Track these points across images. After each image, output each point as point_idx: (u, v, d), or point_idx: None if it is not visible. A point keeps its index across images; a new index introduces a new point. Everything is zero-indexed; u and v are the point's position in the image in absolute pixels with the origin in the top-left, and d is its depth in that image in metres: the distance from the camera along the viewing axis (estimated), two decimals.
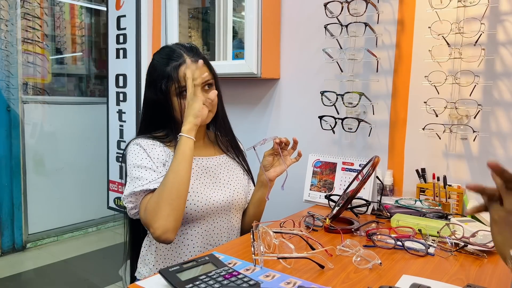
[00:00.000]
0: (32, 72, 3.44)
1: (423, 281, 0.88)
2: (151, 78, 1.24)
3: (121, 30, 2.37)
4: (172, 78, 1.19)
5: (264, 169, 1.29)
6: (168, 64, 1.20)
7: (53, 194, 3.52)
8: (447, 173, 1.50)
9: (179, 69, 1.19)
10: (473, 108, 1.41)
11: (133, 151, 1.20)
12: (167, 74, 1.19)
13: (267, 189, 1.31)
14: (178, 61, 1.20)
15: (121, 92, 2.40)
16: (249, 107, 2.07)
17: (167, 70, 1.19)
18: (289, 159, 1.29)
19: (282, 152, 1.27)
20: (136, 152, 1.20)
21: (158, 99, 1.21)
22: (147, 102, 1.26)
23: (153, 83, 1.22)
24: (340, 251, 1.05)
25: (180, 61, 1.20)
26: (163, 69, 1.20)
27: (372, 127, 1.66)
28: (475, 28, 1.38)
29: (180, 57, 1.21)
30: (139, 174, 1.16)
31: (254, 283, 0.83)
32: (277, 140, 1.25)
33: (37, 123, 3.43)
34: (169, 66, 1.19)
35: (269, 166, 1.30)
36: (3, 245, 3.24)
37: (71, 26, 3.78)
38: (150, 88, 1.24)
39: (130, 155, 1.20)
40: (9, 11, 3.20)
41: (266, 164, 1.30)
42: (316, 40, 1.80)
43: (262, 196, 1.33)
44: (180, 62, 1.20)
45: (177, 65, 1.19)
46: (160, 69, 1.20)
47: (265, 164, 1.30)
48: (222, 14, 2.08)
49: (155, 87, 1.21)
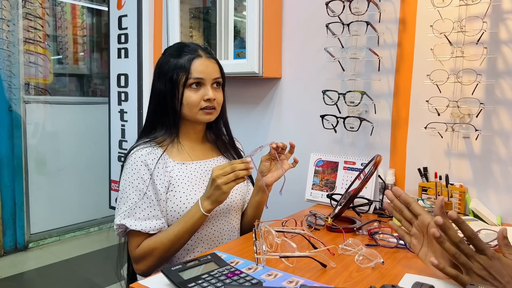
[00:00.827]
0: (33, 72, 3.44)
1: (426, 279, 0.87)
2: (162, 70, 1.24)
3: (123, 30, 2.37)
4: (184, 69, 1.20)
5: (261, 174, 1.28)
6: (180, 56, 1.22)
7: (55, 194, 3.52)
8: (449, 172, 1.50)
9: (193, 61, 1.21)
10: (475, 107, 1.41)
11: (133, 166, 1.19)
12: (179, 65, 1.21)
13: (265, 194, 1.30)
14: (192, 54, 1.22)
15: (122, 91, 2.40)
16: (251, 106, 2.07)
17: (180, 61, 1.21)
18: (286, 163, 1.27)
19: (279, 156, 1.26)
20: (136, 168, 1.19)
21: (166, 89, 1.22)
22: (154, 94, 1.26)
23: (164, 74, 1.23)
24: (342, 250, 1.05)
25: (194, 54, 1.22)
26: (176, 60, 1.21)
27: (374, 126, 1.66)
28: (477, 26, 1.37)
29: (195, 51, 1.23)
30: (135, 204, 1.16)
31: (257, 282, 0.83)
32: (273, 145, 1.24)
33: (39, 123, 3.43)
34: (182, 58, 1.21)
35: (267, 171, 1.29)
36: (6, 245, 3.24)
37: (73, 26, 3.79)
38: (159, 79, 1.24)
39: (129, 169, 1.20)
40: (10, 11, 3.20)
41: (264, 169, 1.29)
42: (318, 39, 1.80)
43: (260, 201, 1.33)
44: (194, 55, 1.22)
45: (192, 58, 1.21)
46: (173, 60, 1.22)
47: (263, 169, 1.29)
48: (224, 13, 2.07)
49: (165, 77, 1.22)
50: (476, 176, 1.47)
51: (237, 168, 1.10)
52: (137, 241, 1.16)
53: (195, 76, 1.20)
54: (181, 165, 1.24)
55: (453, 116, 1.48)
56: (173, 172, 1.21)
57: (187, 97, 1.21)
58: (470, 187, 1.47)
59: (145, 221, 1.15)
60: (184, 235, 1.14)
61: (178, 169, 1.22)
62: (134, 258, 1.18)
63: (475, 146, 1.47)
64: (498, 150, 1.42)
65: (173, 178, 1.20)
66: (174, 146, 1.25)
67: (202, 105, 1.22)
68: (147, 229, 1.15)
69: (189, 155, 1.27)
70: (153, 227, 1.15)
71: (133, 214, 1.16)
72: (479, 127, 1.42)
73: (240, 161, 1.11)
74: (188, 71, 1.20)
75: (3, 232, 3.22)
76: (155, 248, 1.14)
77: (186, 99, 1.21)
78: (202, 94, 1.21)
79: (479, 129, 1.42)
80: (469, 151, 1.48)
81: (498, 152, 1.42)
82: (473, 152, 1.47)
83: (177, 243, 1.14)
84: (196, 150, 1.30)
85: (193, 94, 1.21)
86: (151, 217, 1.16)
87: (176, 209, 1.19)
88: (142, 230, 1.14)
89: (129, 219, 1.15)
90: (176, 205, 1.19)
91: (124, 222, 1.15)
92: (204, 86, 1.22)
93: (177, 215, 1.19)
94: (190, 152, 1.28)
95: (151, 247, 1.14)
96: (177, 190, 1.20)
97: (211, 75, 1.23)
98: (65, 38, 3.75)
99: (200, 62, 1.22)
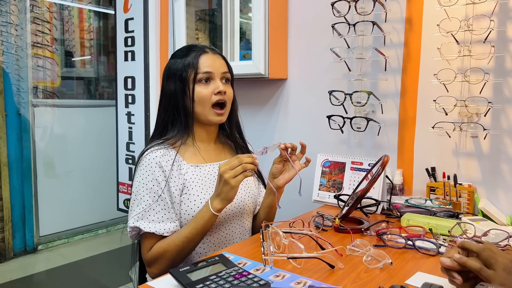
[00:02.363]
0: (41, 76, 3.47)
1: (436, 279, 0.87)
2: (171, 71, 1.25)
3: (129, 33, 2.38)
4: (192, 65, 1.21)
5: (273, 176, 1.27)
6: (188, 55, 1.24)
7: (63, 196, 3.55)
8: (457, 172, 1.49)
9: (200, 57, 1.22)
10: (483, 106, 1.40)
11: (147, 168, 1.18)
12: (187, 63, 1.22)
13: (275, 197, 1.29)
14: (199, 51, 1.24)
15: (129, 94, 2.41)
16: (257, 107, 2.07)
17: (187, 59, 1.22)
18: (298, 164, 1.25)
19: (291, 157, 1.25)
20: (150, 170, 1.17)
21: (176, 88, 1.22)
22: (165, 96, 1.26)
23: (172, 74, 1.24)
24: (350, 251, 1.04)
25: (201, 51, 1.24)
26: (184, 59, 1.23)
27: (381, 126, 1.65)
28: (484, 25, 1.36)
29: (201, 49, 1.25)
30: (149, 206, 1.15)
31: (264, 283, 0.83)
32: (282, 146, 1.23)
33: (47, 126, 3.46)
34: (189, 56, 1.23)
35: (278, 173, 1.27)
36: (15, 247, 3.27)
37: (80, 29, 3.82)
38: (168, 81, 1.25)
39: (143, 171, 1.18)
40: (18, 16, 3.24)
41: (275, 171, 1.27)
42: (324, 40, 1.80)
43: (272, 203, 1.32)
44: (201, 52, 1.24)
45: (198, 54, 1.23)
46: (181, 60, 1.23)
47: (274, 172, 1.27)
48: (229, 15, 2.08)
49: (174, 77, 1.23)
50: (485, 175, 1.46)
51: (244, 161, 1.08)
52: (150, 244, 1.16)
53: (203, 71, 1.21)
54: (195, 168, 1.23)
55: (461, 116, 1.47)
56: (187, 175, 1.20)
57: (198, 92, 1.21)
58: (479, 187, 1.46)
59: (159, 223, 1.15)
60: (195, 236, 1.13)
61: (192, 172, 1.22)
62: (147, 262, 1.17)
63: (484, 145, 1.45)
64: (507, 149, 1.41)
65: (187, 181, 1.20)
66: (187, 148, 1.25)
67: (214, 100, 1.21)
68: (161, 231, 1.14)
69: (202, 157, 1.26)
70: (167, 229, 1.15)
71: (146, 216, 1.15)
72: (487, 126, 1.41)
73: (246, 155, 1.10)
74: (196, 66, 1.21)
75: (13, 234, 3.24)
76: (167, 250, 1.13)
77: (197, 94, 1.21)
78: (213, 88, 1.22)
79: (487, 128, 1.41)
80: (477, 150, 1.47)
81: (507, 151, 1.41)
82: (481, 152, 1.46)
83: (188, 245, 1.14)
84: (209, 152, 1.29)
85: (203, 89, 1.21)
86: (165, 220, 1.16)
87: (190, 212, 1.19)
88: (156, 232, 1.14)
89: (143, 221, 1.15)
90: (190, 208, 1.19)
91: (138, 224, 1.15)
92: (214, 80, 1.23)
93: (190, 218, 1.18)
94: (203, 154, 1.27)
95: (163, 249, 1.14)
96: (191, 193, 1.20)
97: (219, 69, 1.24)
98: (73, 41, 3.78)
99: (207, 57, 1.23)
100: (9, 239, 3.21)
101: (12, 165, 3.22)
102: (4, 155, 3.14)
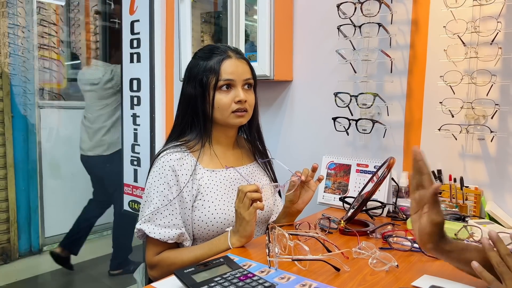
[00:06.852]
0: (48, 78, 3.50)
1: (443, 282, 0.86)
2: (192, 73, 1.22)
3: (135, 35, 2.39)
4: (214, 71, 1.18)
5: (292, 203, 1.26)
6: (210, 58, 1.20)
7: (69, 197, 3.56)
8: (464, 174, 1.48)
9: (222, 62, 1.18)
10: (490, 108, 1.39)
11: (160, 170, 1.17)
12: (209, 67, 1.18)
13: (294, 218, 1.31)
14: (222, 56, 1.20)
15: (135, 96, 2.42)
16: (263, 109, 2.07)
17: (210, 63, 1.19)
18: (313, 184, 1.25)
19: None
20: (163, 173, 1.16)
21: (196, 93, 1.20)
22: (184, 98, 1.24)
23: (193, 77, 1.21)
24: (356, 254, 1.04)
25: (224, 55, 1.20)
26: (206, 63, 1.19)
27: (386, 128, 1.64)
28: (491, 26, 1.35)
29: (224, 53, 1.21)
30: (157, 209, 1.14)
31: (269, 285, 0.82)
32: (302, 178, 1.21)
33: (53, 127, 3.48)
34: (211, 60, 1.19)
35: (296, 198, 1.26)
36: (21, 248, 3.29)
37: (86, 31, 3.83)
38: (189, 83, 1.22)
39: (156, 173, 1.17)
40: (25, 18, 3.26)
41: (294, 198, 1.26)
42: (329, 42, 1.79)
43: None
44: (224, 56, 1.20)
45: (221, 59, 1.19)
46: (203, 63, 1.20)
47: (292, 199, 1.26)
48: (235, 17, 2.08)
49: (195, 80, 1.20)
50: (492, 178, 1.44)
51: (246, 190, 1.06)
52: (155, 248, 1.16)
53: (225, 78, 1.18)
54: (211, 172, 1.21)
55: (468, 118, 1.46)
56: (202, 180, 1.19)
57: (218, 100, 1.18)
58: (486, 190, 1.45)
59: (164, 228, 1.14)
60: (203, 257, 1.11)
61: (207, 177, 1.20)
62: (149, 264, 1.17)
63: (491, 147, 1.44)
64: None
65: (201, 187, 1.18)
66: (205, 152, 1.23)
67: (234, 108, 1.19)
68: (165, 238, 1.13)
69: (219, 162, 1.25)
70: (172, 236, 1.14)
71: (153, 219, 1.15)
72: (494, 129, 1.40)
73: (248, 185, 1.08)
74: (218, 73, 1.17)
75: (18, 235, 3.26)
76: (173, 263, 1.13)
77: (217, 102, 1.18)
78: (233, 96, 1.19)
79: (494, 130, 1.40)
80: (484, 153, 1.46)
81: None
82: (488, 154, 1.45)
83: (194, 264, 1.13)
84: (227, 156, 1.28)
85: (223, 97, 1.18)
86: (171, 226, 1.14)
87: (204, 218, 1.17)
88: (160, 239, 1.13)
89: (149, 224, 1.15)
90: (204, 215, 1.17)
91: (144, 227, 1.15)
92: (235, 87, 1.19)
93: (204, 225, 1.17)
94: (221, 159, 1.25)
95: (170, 261, 1.14)
96: (206, 199, 1.18)
97: (241, 76, 1.20)
98: (79, 43, 3.80)
99: (230, 63, 1.19)
100: (15, 240, 3.23)
101: (18, 166, 3.24)
102: (10, 156, 3.16)
